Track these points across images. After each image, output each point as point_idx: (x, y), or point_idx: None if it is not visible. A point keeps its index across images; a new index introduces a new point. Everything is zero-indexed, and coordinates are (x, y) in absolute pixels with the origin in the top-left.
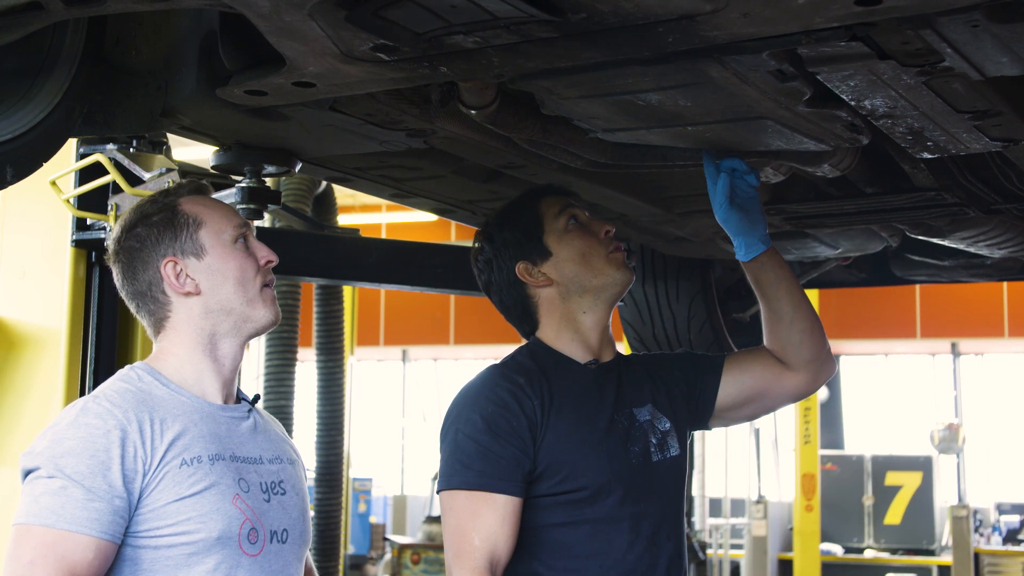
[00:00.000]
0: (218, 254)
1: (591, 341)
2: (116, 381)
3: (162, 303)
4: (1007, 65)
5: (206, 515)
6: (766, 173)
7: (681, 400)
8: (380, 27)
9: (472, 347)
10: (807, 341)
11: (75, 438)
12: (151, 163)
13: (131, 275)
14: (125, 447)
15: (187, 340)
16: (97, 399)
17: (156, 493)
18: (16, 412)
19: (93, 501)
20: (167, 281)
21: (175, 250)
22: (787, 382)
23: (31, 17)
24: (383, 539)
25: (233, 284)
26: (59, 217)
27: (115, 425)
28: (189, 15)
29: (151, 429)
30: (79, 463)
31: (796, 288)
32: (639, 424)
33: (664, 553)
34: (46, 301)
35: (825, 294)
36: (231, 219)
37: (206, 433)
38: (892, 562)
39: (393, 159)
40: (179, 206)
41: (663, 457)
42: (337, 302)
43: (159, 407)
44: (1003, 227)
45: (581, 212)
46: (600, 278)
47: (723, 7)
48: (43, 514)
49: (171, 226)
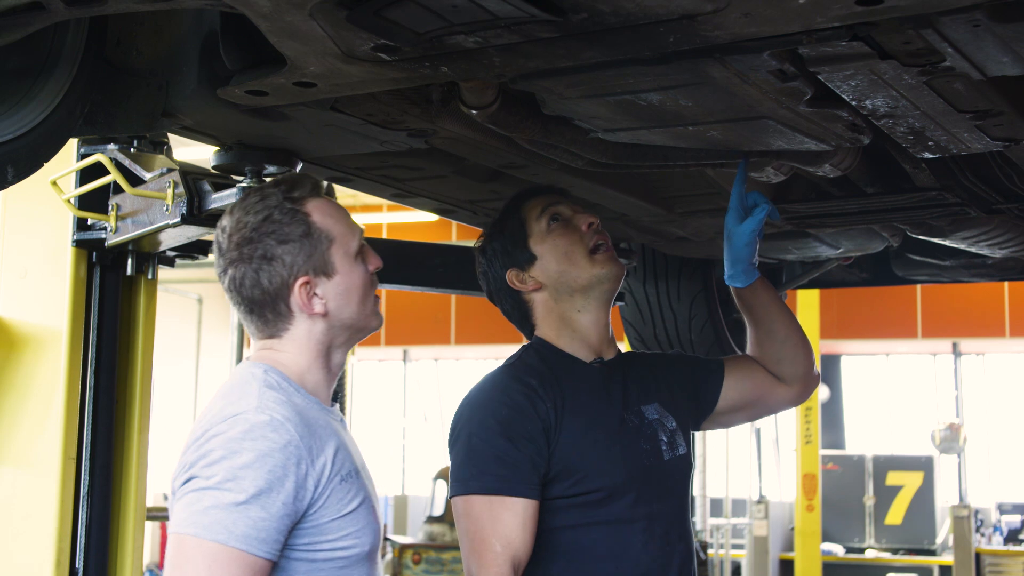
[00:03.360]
0: (346, 272)
1: (591, 340)
2: (266, 389)
3: (285, 316)
4: (1008, 65)
5: (361, 530)
6: (767, 173)
7: (684, 400)
8: (381, 27)
9: (473, 347)
10: (798, 357)
11: (253, 451)
12: (152, 163)
13: (254, 283)
14: (299, 465)
15: (307, 352)
16: (268, 411)
17: (322, 510)
18: (16, 412)
19: (265, 520)
20: (298, 300)
21: (309, 268)
22: (779, 392)
23: (32, 17)
24: (384, 539)
25: (358, 302)
26: (60, 217)
27: (290, 441)
28: (190, 15)
29: (316, 446)
30: (258, 478)
31: (784, 310)
32: (649, 422)
33: (676, 552)
34: (47, 301)
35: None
36: (354, 230)
37: (345, 445)
38: (893, 562)
39: (394, 159)
40: (311, 217)
41: (674, 455)
42: None
43: (311, 421)
44: (1004, 227)
45: (565, 208)
46: (585, 275)
47: (724, 7)
48: (216, 529)
49: (306, 242)
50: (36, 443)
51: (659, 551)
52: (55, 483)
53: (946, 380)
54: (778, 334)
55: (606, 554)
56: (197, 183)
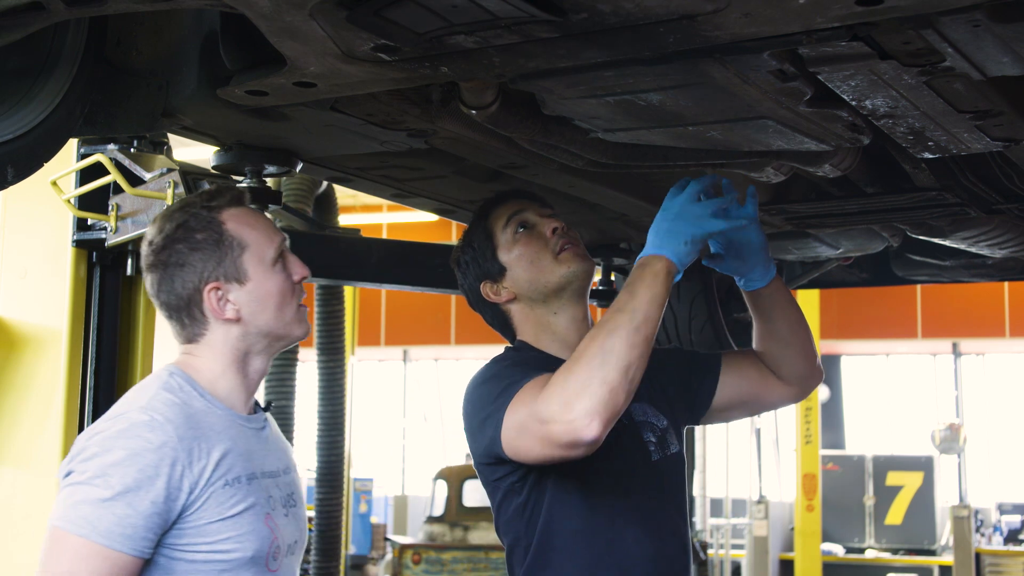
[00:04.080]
0: (260, 279)
1: (571, 339)
2: (161, 391)
3: (199, 322)
4: (1008, 65)
5: (244, 535)
6: (767, 173)
7: (677, 397)
8: (381, 27)
9: (473, 347)
10: (800, 359)
11: (124, 449)
12: (152, 163)
13: (168, 289)
14: (174, 466)
15: (221, 358)
16: (150, 411)
17: (199, 512)
18: (17, 412)
19: (131, 517)
20: (208, 306)
21: (219, 274)
22: (778, 390)
23: (32, 17)
24: (384, 539)
25: (274, 309)
26: (60, 217)
27: (166, 442)
28: (190, 15)
29: (197, 448)
30: (126, 476)
31: (794, 310)
32: (636, 423)
33: (669, 549)
34: (47, 301)
35: (826, 294)
36: (272, 238)
37: (243, 451)
38: (893, 562)
39: (394, 159)
40: (224, 225)
41: (663, 455)
42: (338, 302)
43: (202, 424)
44: (1004, 227)
45: (531, 214)
46: (554, 278)
47: (724, 7)
48: (80, 523)
49: (217, 248)
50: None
51: (654, 549)
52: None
53: (946, 380)
54: (783, 335)
55: (602, 551)
56: (197, 183)
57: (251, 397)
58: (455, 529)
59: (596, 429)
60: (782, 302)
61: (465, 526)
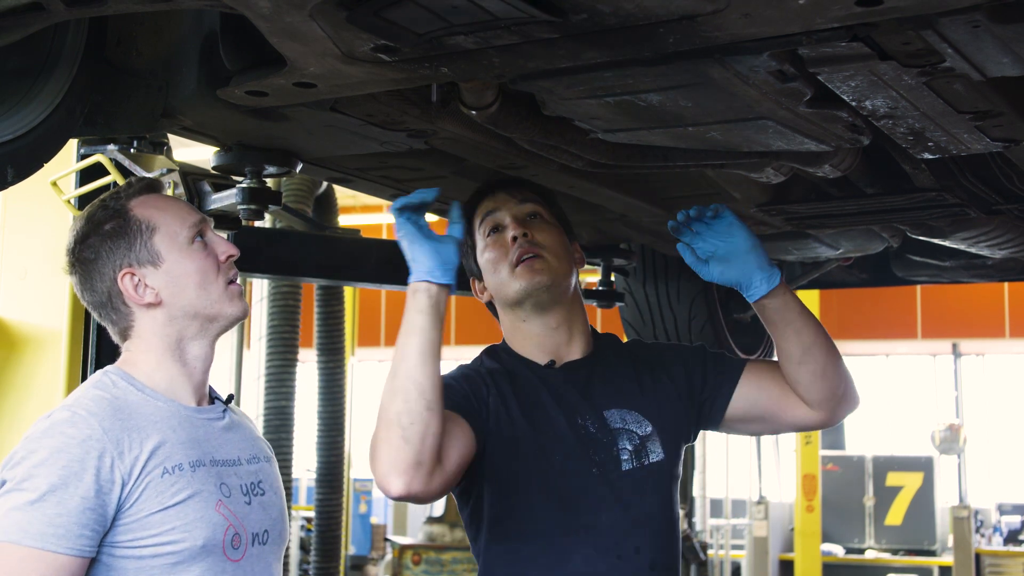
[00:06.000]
0: (175, 259)
1: (544, 344)
2: (91, 388)
3: (124, 314)
4: (1008, 66)
5: (190, 524)
6: (767, 174)
7: (680, 398)
8: (381, 28)
9: (473, 347)
10: (818, 383)
11: (47, 448)
12: (152, 164)
13: (89, 286)
14: (102, 458)
15: (154, 348)
16: (71, 407)
17: (138, 504)
18: (17, 412)
19: (61, 516)
20: (126, 294)
21: (131, 260)
22: (799, 411)
23: (32, 18)
24: (384, 540)
25: (195, 288)
26: (60, 218)
27: (90, 435)
28: (190, 16)
29: (128, 438)
30: (51, 474)
31: (807, 328)
32: (610, 429)
33: (632, 567)
34: (47, 302)
35: (826, 294)
36: (185, 218)
37: (185, 439)
38: (893, 563)
39: (394, 160)
40: (130, 211)
41: (638, 464)
42: (338, 303)
43: (136, 415)
44: (1004, 227)
45: (503, 214)
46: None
47: (724, 8)
48: (11, 530)
49: (124, 234)
50: None
51: (608, 566)
52: None
53: (946, 380)
54: (793, 354)
55: (543, 568)
56: (197, 183)
57: (199, 386)
58: (455, 530)
59: (398, 487)
60: (789, 316)
61: None
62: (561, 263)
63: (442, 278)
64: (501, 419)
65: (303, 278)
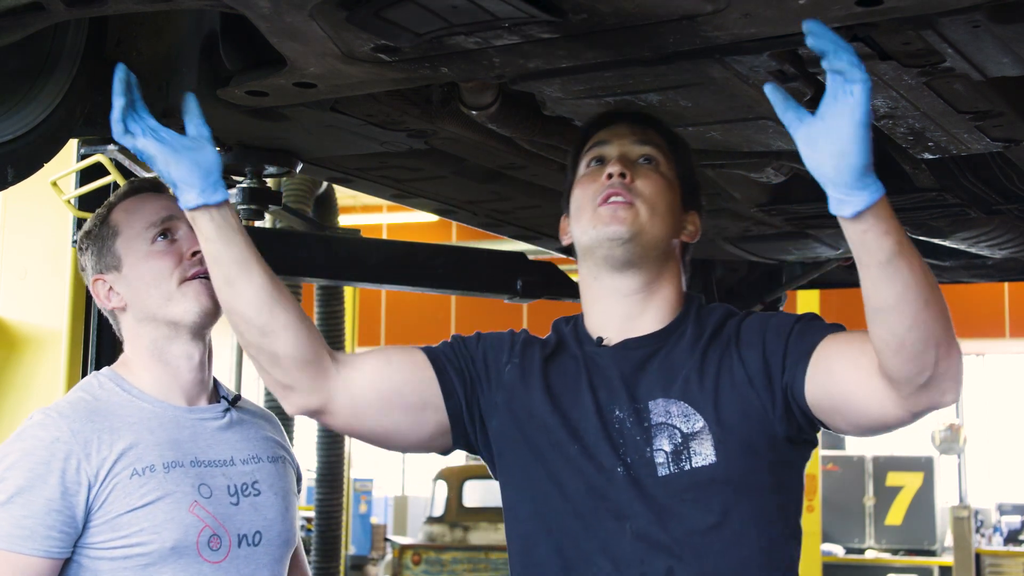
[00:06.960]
0: (131, 262)
1: (610, 311)
2: (75, 390)
3: (111, 319)
4: (1008, 66)
5: (159, 525)
6: (767, 173)
7: (752, 388)
8: (381, 28)
9: None
10: (905, 349)
11: (17, 451)
12: None
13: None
14: (67, 460)
15: (137, 350)
16: (46, 410)
17: (107, 505)
18: (17, 412)
19: (28, 518)
20: (98, 300)
21: (101, 267)
22: (877, 397)
23: (32, 18)
24: (384, 540)
25: (149, 289)
26: (60, 218)
27: (58, 437)
28: (190, 16)
29: (97, 440)
30: (18, 477)
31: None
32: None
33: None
34: (47, 302)
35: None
36: (148, 218)
37: (163, 441)
38: (893, 563)
39: (394, 160)
40: (109, 217)
41: (676, 470)
42: (338, 303)
43: (112, 417)
44: (1004, 228)
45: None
46: (585, 237)
47: (724, 7)
48: None
49: (97, 241)
50: None
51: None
52: None
53: None
54: (876, 304)
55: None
56: None
57: (189, 385)
58: (455, 530)
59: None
60: (874, 247)
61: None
62: (655, 221)
63: (215, 195)
64: (516, 395)
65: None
